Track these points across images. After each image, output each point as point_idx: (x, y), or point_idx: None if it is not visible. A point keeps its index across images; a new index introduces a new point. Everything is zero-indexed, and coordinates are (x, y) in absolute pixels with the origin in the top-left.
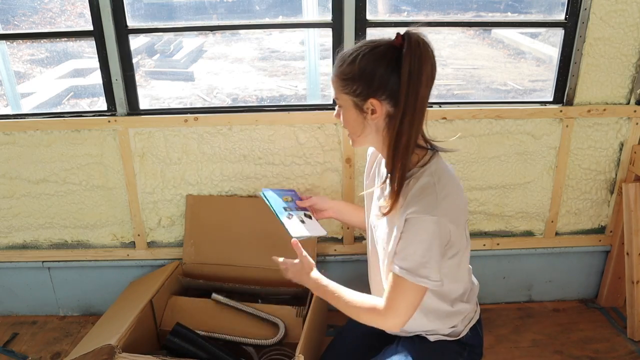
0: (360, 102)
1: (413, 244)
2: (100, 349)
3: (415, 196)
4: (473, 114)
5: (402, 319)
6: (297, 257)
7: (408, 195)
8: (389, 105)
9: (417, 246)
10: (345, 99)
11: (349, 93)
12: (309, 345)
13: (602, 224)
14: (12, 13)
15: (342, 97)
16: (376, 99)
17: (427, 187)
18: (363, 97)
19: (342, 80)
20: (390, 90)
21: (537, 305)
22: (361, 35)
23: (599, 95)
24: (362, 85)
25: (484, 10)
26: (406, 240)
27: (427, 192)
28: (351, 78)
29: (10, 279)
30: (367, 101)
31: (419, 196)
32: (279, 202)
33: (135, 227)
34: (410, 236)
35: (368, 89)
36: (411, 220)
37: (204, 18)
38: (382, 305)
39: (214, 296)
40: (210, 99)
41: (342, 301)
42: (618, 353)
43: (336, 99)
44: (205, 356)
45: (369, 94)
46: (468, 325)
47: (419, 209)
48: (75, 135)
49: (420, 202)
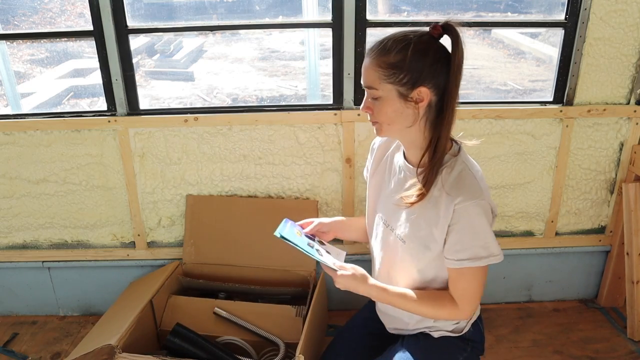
0: (406, 90)
1: (468, 233)
2: (101, 349)
3: (455, 185)
4: (473, 114)
5: (476, 302)
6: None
7: (446, 184)
8: (433, 94)
9: (473, 234)
10: (388, 89)
11: (394, 82)
12: (309, 345)
13: (602, 224)
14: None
15: (384, 86)
16: (425, 86)
17: (465, 175)
18: (410, 85)
19: (387, 69)
20: (437, 79)
21: (537, 305)
22: (361, 35)
23: (599, 95)
24: (410, 74)
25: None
26: (460, 232)
27: (467, 180)
28: (399, 67)
29: (10, 279)
30: (414, 90)
31: (458, 184)
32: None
33: (135, 227)
34: (463, 227)
35: (417, 77)
36: (460, 210)
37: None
38: (455, 301)
39: (216, 310)
40: (210, 99)
41: (411, 303)
42: (618, 353)
43: (373, 88)
44: (205, 356)
45: (417, 82)
46: (470, 321)
47: (465, 197)
48: (75, 135)
49: (463, 189)
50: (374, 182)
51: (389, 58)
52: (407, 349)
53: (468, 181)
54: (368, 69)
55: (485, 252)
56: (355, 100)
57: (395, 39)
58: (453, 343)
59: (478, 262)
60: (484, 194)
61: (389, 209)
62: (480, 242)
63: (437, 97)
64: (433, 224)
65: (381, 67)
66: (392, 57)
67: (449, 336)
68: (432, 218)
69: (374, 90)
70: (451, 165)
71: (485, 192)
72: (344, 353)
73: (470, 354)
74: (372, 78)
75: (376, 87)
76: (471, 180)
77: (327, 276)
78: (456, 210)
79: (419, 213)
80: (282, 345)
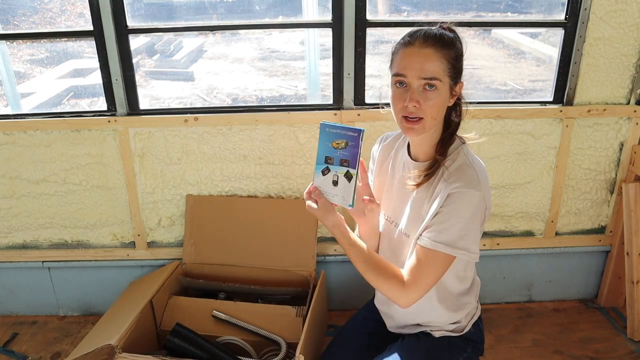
0: (454, 85)
1: (453, 218)
2: (101, 349)
3: (455, 173)
4: (473, 114)
5: (421, 294)
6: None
7: (445, 172)
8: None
9: (457, 219)
10: (446, 82)
11: (450, 76)
12: (309, 345)
13: (602, 224)
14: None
15: (445, 79)
16: (462, 81)
17: (465, 166)
18: (456, 79)
19: (449, 62)
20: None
21: (537, 305)
22: (361, 35)
23: (599, 95)
24: (459, 69)
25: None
26: (446, 214)
27: (467, 170)
28: (457, 60)
29: (10, 279)
30: (457, 84)
31: (458, 173)
32: (326, 148)
33: (135, 227)
34: (451, 210)
35: (460, 72)
36: (454, 194)
37: (204, 18)
38: (405, 277)
39: (214, 313)
40: (210, 99)
41: (364, 259)
42: (618, 353)
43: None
44: (205, 356)
45: (458, 77)
46: (471, 321)
47: (462, 184)
48: (75, 135)
49: (462, 178)
50: (378, 183)
51: (451, 52)
52: (407, 348)
53: (468, 172)
54: (432, 60)
55: (462, 243)
56: (355, 101)
57: (446, 34)
58: (453, 343)
59: (450, 249)
60: (481, 186)
61: (393, 206)
62: (461, 231)
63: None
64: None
65: (445, 59)
66: (453, 51)
67: (449, 336)
68: (432, 209)
69: (437, 81)
70: (453, 157)
71: (482, 185)
72: (344, 353)
73: (471, 354)
74: (437, 70)
75: (440, 79)
76: (470, 172)
77: (327, 276)
78: (450, 194)
79: (422, 206)
80: (284, 344)
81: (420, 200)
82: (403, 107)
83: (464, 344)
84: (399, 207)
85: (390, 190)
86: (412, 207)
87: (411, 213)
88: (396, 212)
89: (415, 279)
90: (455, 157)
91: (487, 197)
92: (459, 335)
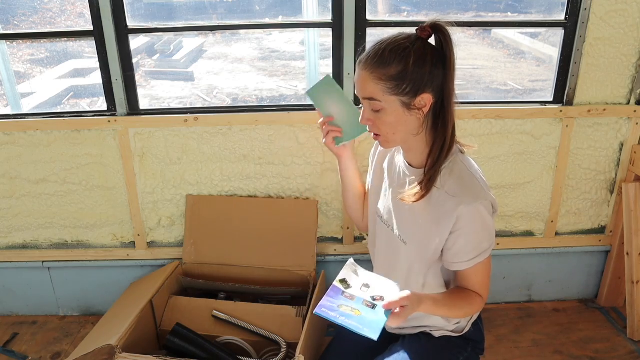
0: (409, 99)
1: (475, 235)
2: (101, 349)
3: (456, 187)
4: (473, 114)
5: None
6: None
7: (446, 185)
8: (434, 97)
9: (480, 234)
10: (392, 100)
11: (397, 94)
12: (309, 345)
13: (602, 224)
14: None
15: (387, 98)
16: (426, 92)
17: (465, 175)
18: (413, 94)
19: (389, 81)
20: (436, 83)
21: (537, 305)
22: (361, 35)
23: (599, 95)
24: (412, 83)
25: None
26: (468, 235)
27: (467, 180)
28: (401, 78)
29: (10, 279)
30: (417, 97)
31: (460, 185)
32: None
33: (135, 227)
34: (470, 231)
35: (419, 85)
36: (464, 215)
37: (204, 18)
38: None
39: (214, 313)
40: (210, 99)
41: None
42: (618, 353)
43: (375, 100)
44: (205, 356)
45: (419, 90)
46: (470, 320)
47: (469, 200)
48: (75, 135)
49: (465, 191)
50: (375, 186)
51: (389, 70)
52: (407, 348)
53: (470, 182)
54: (367, 81)
55: (488, 243)
56: (356, 101)
57: (391, 48)
58: (454, 343)
59: (485, 254)
60: (485, 192)
61: (390, 211)
62: (487, 237)
63: (436, 99)
64: (434, 224)
65: (382, 79)
66: (392, 68)
67: (449, 336)
68: (434, 219)
69: (376, 102)
70: (450, 166)
71: (486, 190)
72: (344, 353)
73: (471, 354)
74: (373, 91)
75: (379, 99)
76: (472, 181)
77: (327, 276)
78: (460, 215)
79: (421, 214)
80: (284, 344)
81: (418, 208)
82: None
83: (464, 343)
84: (396, 213)
85: (386, 193)
86: (410, 215)
87: (410, 221)
88: (391, 216)
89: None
90: (452, 165)
91: (492, 197)
92: (458, 336)
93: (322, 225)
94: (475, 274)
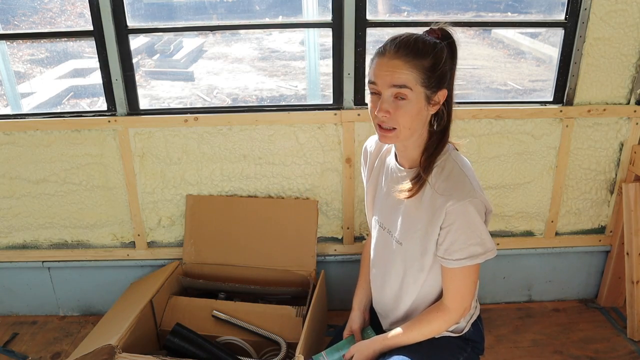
0: (432, 93)
1: (464, 233)
2: (101, 349)
3: (446, 185)
4: (473, 114)
5: (469, 301)
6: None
7: (436, 184)
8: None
9: (469, 233)
10: (420, 91)
11: (426, 86)
12: (309, 345)
13: (602, 224)
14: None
15: (417, 89)
16: (444, 89)
17: (455, 174)
18: (436, 88)
19: (424, 72)
20: (448, 80)
21: (537, 305)
22: (361, 35)
23: (599, 95)
24: (438, 78)
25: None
26: (456, 232)
27: (458, 178)
28: (433, 70)
29: (10, 279)
30: (437, 92)
31: (450, 183)
32: None
33: (135, 227)
34: (458, 227)
35: (442, 81)
36: (453, 211)
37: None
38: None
39: (214, 313)
40: (210, 99)
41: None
42: (618, 353)
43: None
44: (205, 356)
45: (440, 85)
46: (470, 321)
47: (458, 197)
48: (75, 135)
49: (455, 189)
50: (370, 186)
51: (425, 61)
52: (407, 349)
53: (459, 180)
54: (400, 69)
55: (482, 248)
56: (355, 101)
57: (423, 40)
58: (453, 343)
59: (476, 259)
60: (475, 191)
61: (384, 212)
62: (476, 239)
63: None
64: (427, 224)
65: (417, 68)
66: (427, 60)
67: (449, 336)
68: (426, 218)
69: (407, 90)
70: (441, 164)
71: (477, 189)
72: None
73: (471, 354)
74: (407, 79)
75: (411, 87)
76: (462, 179)
77: (327, 276)
78: (449, 211)
79: (414, 214)
80: (284, 343)
81: (412, 208)
82: (375, 115)
83: (463, 344)
84: (391, 214)
85: (381, 197)
86: (404, 216)
87: (404, 221)
88: (389, 219)
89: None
90: (444, 163)
91: (483, 197)
92: (458, 336)
93: (322, 225)
94: (455, 277)
